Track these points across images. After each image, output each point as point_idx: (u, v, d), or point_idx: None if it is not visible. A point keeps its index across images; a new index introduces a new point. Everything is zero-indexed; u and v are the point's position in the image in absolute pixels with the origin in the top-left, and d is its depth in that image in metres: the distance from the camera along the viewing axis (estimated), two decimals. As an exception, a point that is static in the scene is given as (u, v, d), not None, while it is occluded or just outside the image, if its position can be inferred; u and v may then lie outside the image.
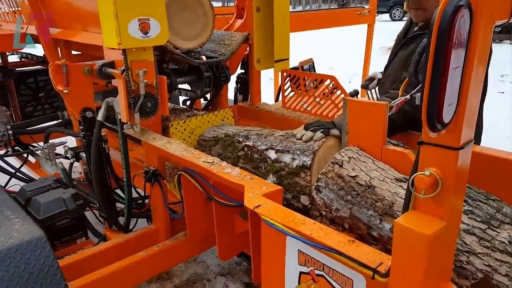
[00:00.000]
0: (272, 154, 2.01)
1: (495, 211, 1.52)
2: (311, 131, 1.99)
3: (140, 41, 1.99)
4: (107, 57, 2.18)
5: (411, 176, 0.98)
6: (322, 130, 1.98)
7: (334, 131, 1.96)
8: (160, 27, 2.04)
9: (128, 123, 2.07)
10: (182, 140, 2.40)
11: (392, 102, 0.96)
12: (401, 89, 0.94)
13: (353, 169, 1.70)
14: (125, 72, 1.94)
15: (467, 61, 0.80)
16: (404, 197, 1.57)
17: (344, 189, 1.67)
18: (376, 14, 4.68)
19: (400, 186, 1.63)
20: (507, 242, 1.40)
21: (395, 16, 23.59)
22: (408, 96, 0.85)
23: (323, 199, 1.73)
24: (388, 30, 11.93)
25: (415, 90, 0.84)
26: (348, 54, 11.25)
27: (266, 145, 2.06)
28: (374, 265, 1.16)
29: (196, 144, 2.48)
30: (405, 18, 12.34)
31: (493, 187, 1.68)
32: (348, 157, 1.74)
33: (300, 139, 1.99)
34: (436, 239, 0.97)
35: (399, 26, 3.04)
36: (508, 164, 1.90)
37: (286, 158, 1.94)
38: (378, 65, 3.53)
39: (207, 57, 2.41)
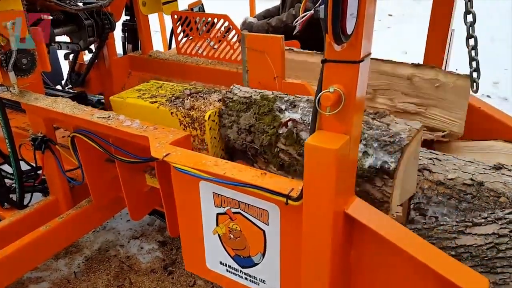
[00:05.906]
0: None
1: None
2: None
3: (2, -13, 1.73)
4: (-39, 13, 1.85)
5: (317, 95, 0.99)
6: None
7: None
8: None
9: (4, 85, 1.81)
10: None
11: (295, 21, 0.93)
12: (301, 7, 0.92)
13: (446, 170, 1.41)
14: (-12, 26, 1.67)
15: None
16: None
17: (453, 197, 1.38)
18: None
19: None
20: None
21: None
22: (312, 11, 0.83)
23: (434, 217, 1.42)
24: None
25: (317, 4, 0.81)
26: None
27: None
28: (286, 191, 1.19)
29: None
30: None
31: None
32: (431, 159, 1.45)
33: None
34: (341, 153, 1.02)
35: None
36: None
37: None
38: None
39: (84, 3, 2.17)
